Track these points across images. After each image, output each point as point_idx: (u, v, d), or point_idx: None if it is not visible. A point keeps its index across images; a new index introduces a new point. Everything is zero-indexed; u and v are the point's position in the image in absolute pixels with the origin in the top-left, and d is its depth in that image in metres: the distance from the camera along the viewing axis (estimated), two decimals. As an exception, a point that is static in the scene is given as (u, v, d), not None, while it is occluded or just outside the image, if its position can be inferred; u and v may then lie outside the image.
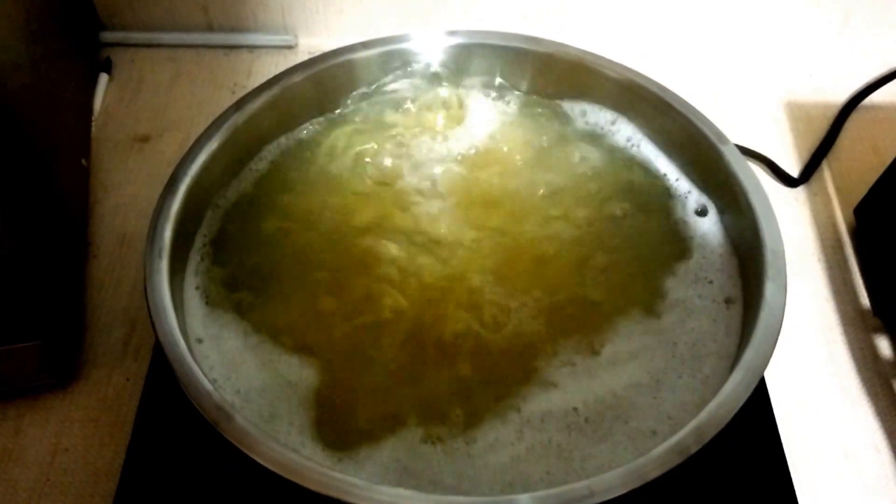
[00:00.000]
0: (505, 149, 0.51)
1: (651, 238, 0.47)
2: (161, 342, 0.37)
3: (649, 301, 0.44)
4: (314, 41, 0.70)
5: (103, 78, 0.66)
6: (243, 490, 0.41)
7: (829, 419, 0.50)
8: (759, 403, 0.46)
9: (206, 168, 0.45)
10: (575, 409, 0.40)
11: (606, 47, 0.52)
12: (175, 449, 0.44)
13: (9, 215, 0.41)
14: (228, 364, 0.41)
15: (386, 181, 0.50)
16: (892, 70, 0.68)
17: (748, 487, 0.44)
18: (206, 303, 0.44)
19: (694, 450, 0.34)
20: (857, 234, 0.58)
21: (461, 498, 0.33)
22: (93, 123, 0.63)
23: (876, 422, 0.49)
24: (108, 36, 0.69)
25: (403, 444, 0.39)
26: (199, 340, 0.42)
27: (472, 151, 0.51)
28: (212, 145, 0.45)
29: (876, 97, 0.67)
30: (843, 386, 0.51)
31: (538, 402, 0.40)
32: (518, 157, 0.51)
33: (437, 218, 0.48)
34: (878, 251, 0.56)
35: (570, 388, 0.41)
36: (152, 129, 0.63)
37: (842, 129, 0.65)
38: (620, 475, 0.33)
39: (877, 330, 0.53)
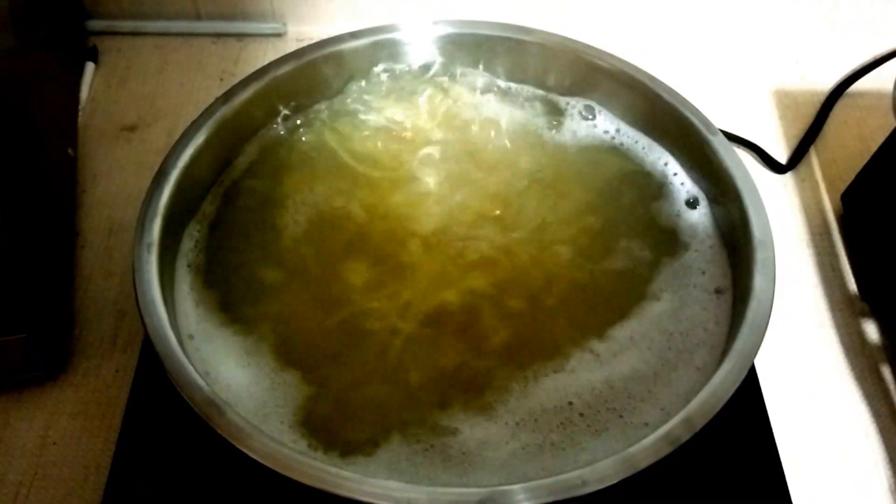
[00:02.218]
0: (494, 141, 0.51)
1: (643, 230, 0.47)
2: (151, 338, 0.37)
3: (643, 293, 0.44)
4: (303, 28, 0.69)
5: (90, 67, 0.65)
6: (234, 484, 0.41)
7: (819, 404, 0.50)
8: (749, 391, 0.47)
9: (194, 160, 0.44)
10: (570, 403, 0.40)
11: (596, 37, 0.52)
12: (165, 442, 0.44)
13: (-5, 207, 0.41)
14: (221, 360, 0.41)
15: (376, 171, 0.50)
16: (878, 57, 0.68)
17: (740, 474, 0.44)
18: (198, 298, 0.43)
19: (685, 438, 0.34)
20: (844, 220, 0.59)
21: (452, 490, 0.33)
22: (79, 113, 0.63)
23: (864, 406, 0.50)
24: (94, 24, 0.68)
25: (397, 442, 0.39)
26: (191, 336, 0.41)
27: (462, 143, 0.51)
28: (200, 137, 0.45)
29: (862, 84, 0.67)
30: (832, 371, 0.51)
31: (534, 398, 0.40)
32: (508, 148, 0.51)
33: (428, 209, 0.48)
34: (865, 237, 0.56)
35: (568, 382, 0.41)
36: (139, 118, 0.63)
37: (829, 116, 0.65)
38: (611, 465, 0.33)
39: (864, 314, 0.54)
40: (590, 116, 0.52)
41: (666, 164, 0.50)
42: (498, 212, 0.48)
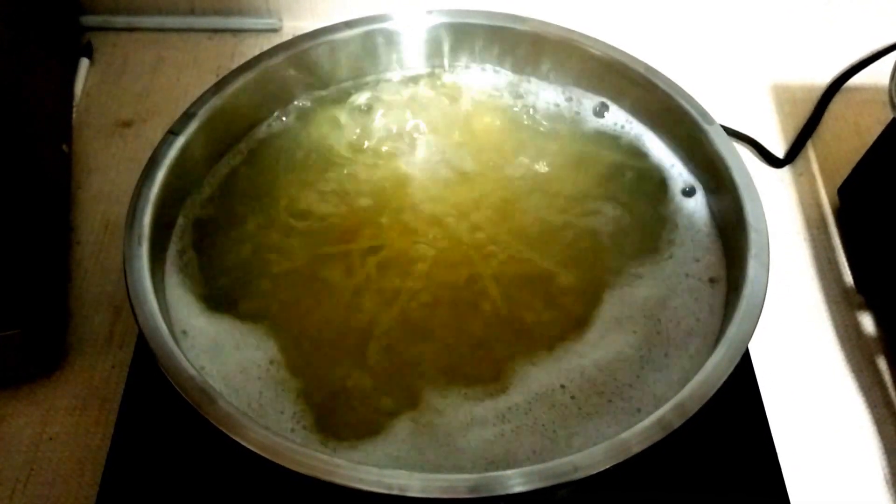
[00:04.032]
0: (490, 130, 0.51)
1: (638, 218, 0.47)
2: (141, 328, 0.37)
3: (636, 280, 0.44)
4: (299, 24, 0.69)
5: (84, 62, 0.65)
6: (229, 475, 0.41)
7: (815, 396, 0.50)
8: (744, 380, 0.47)
9: (185, 151, 0.44)
10: (562, 386, 0.40)
11: (593, 28, 0.51)
12: (161, 436, 0.43)
13: (-12, 202, 0.41)
14: (215, 354, 0.41)
15: (370, 161, 0.49)
16: (875, 52, 0.69)
17: (735, 462, 0.44)
18: (191, 293, 0.43)
19: (677, 424, 0.34)
20: (840, 214, 0.59)
21: (446, 476, 0.33)
22: (74, 109, 0.62)
23: (860, 397, 0.50)
24: (89, 20, 0.68)
25: (392, 428, 0.39)
26: (185, 333, 0.41)
27: (457, 132, 0.51)
28: (191, 126, 0.44)
29: (859, 79, 0.67)
30: (828, 363, 0.51)
31: (524, 380, 0.40)
32: (503, 138, 0.51)
33: (422, 199, 0.48)
34: (861, 230, 0.56)
35: (558, 366, 0.41)
36: (135, 113, 0.63)
37: (826, 111, 0.65)
38: (603, 450, 0.33)
39: (860, 307, 0.54)
40: (586, 105, 0.52)
41: (662, 153, 0.49)
42: (493, 199, 0.48)
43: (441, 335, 0.42)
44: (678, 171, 0.49)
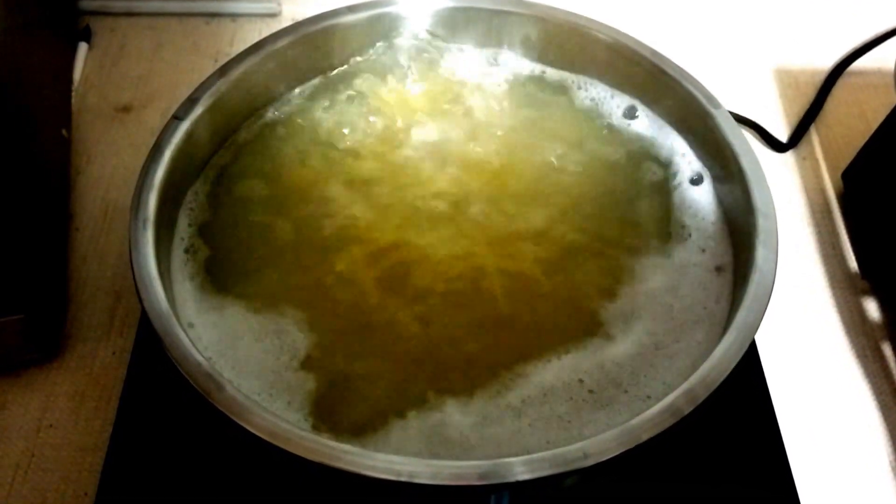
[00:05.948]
0: (496, 117, 0.51)
1: (645, 207, 0.47)
2: (147, 313, 0.36)
3: (646, 270, 0.44)
4: (298, 9, 0.69)
5: (83, 47, 0.65)
6: (234, 462, 0.41)
7: (820, 382, 0.50)
8: (750, 367, 0.47)
9: (191, 135, 0.44)
10: (580, 380, 0.40)
11: (597, 12, 0.51)
12: (163, 423, 0.43)
13: (-12, 188, 0.40)
14: (222, 343, 0.40)
15: (374, 147, 0.49)
16: (878, 35, 0.68)
17: (742, 450, 0.44)
18: (196, 278, 0.43)
19: (687, 411, 0.34)
20: (844, 199, 0.59)
21: (454, 462, 0.33)
22: (73, 93, 0.62)
23: (865, 383, 0.50)
24: (87, 4, 0.68)
25: (403, 420, 0.38)
26: (191, 325, 0.41)
27: (463, 119, 0.51)
28: (196, 111, 0.44)
29: (862, 62, 0.67)
30: (833, 349, 0.51)
31: (540, 375, 0.40)
32: (509, 125, 0.50)
33: (428, 186, 0.47)
34: (866, 215, 0.56)
35: (572, 359, 0.40)
36: (134, 98, 0.62)
37: (829, 95, 0.65)
38: (614, 437, 0.33)
39: (865, 292, 0.54)
40: (591, 91, 0.51)
41: (670, 140, 0.49)
42: (496, 186, 0.47)
43: (458, 331, 0.42)
44: (687, 161, 0.48)
